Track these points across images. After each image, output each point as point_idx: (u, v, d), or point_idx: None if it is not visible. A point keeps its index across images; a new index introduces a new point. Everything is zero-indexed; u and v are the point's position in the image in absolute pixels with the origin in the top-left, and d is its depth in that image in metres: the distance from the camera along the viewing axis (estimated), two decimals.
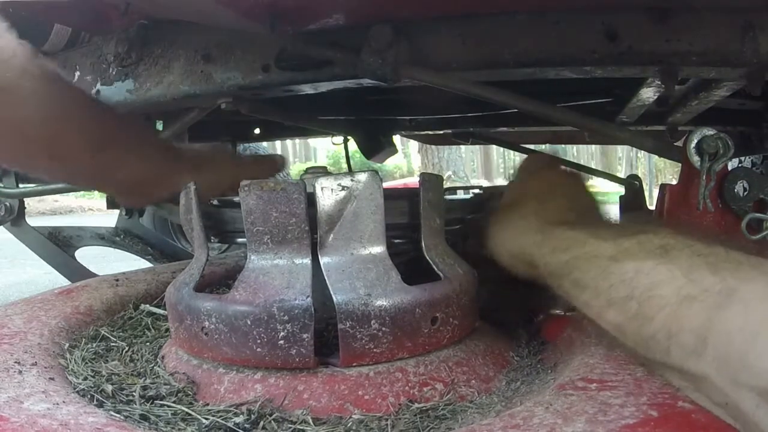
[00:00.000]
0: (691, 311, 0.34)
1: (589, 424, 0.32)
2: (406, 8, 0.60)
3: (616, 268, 0.41)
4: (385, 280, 0.46)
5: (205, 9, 0.56)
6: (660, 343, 0.36)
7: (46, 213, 6.66)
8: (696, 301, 0.34)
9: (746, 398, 0.30)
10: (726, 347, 0.31)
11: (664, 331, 0.35)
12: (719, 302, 0.33)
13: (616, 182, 1.50)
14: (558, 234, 0.48)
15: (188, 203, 0.53)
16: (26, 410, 0.36)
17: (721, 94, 0.70)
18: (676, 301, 0.35)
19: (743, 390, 0.30)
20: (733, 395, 0.31)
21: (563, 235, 0.48)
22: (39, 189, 1.17)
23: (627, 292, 0.39)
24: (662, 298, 0.36)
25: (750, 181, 0.55)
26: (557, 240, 0.48)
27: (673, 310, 0.35)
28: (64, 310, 0.60)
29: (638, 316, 0.37)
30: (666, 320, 0.35)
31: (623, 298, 0.39)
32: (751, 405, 0.29)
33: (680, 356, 0.34)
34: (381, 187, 0.47)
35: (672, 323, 0.35)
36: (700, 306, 0.33)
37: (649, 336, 0.36)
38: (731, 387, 0.31)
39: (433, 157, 8.61)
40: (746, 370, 0.29)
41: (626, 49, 0.57)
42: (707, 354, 0.32)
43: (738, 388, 0.30)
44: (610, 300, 0.40)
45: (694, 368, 0.33)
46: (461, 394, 0.45)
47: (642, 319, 0.37)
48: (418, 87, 0.66)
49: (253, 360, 0.45)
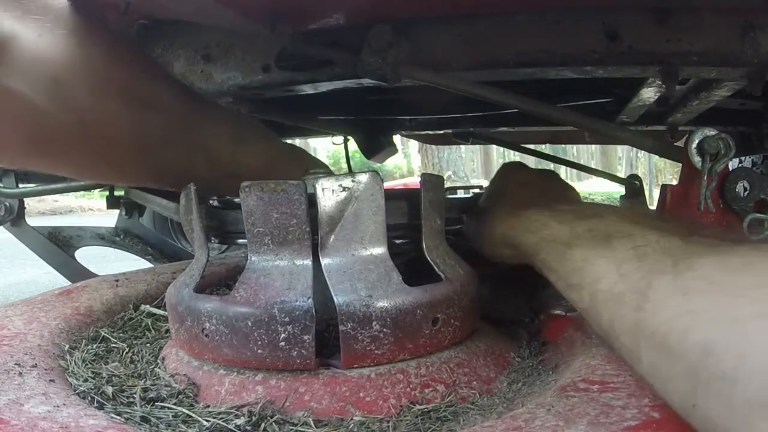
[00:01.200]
0: (623, 312, 0.35)
1: (591, 426, 0.32)
2: (406, 8, 0.60)
3: (569, 255, 0.43)
4: (386, 282, 0.46)
5: (205, 9, 0.56)
6: (614, 342, 0.37)
7: (46, 213, 6.66)
8: (625, 304, 0.35)
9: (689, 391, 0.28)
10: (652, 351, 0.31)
11: (612, 332, 0.37)
12: (639, 304, 0.33)
13: (616, 182, 1.50)
14: (528, 215, 0.52)
15: (188, 203, 0.53)
16: (26, 413, 0.36)
17: (722, 94, 0.70)
18: (613, 298, 0.36)
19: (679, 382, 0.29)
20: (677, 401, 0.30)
21: (532, 216, 0.51)
22: (39, 189, 1.17)
23: (578, 280, 0.41)
24: (603, 293, 0.37)
25: (751, 181, 0.55)
26: (527, 221, 0.51)
27: (613, 309, 0.36)
28: (64, 311, 0.59)
29: (591, 308, 0.39)
30: (611, 319, 0.36)
31: (577, 285, 0.41)
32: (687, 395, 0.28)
33: (631, 362, 0.35)
34: (382, 188, 0.47)
35: (616, 324, 0.36)
36: (628, 309, 0.34)
37: (605, 332, 0.38)
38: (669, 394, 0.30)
39: (433, 157, 8.62)
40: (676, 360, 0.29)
41: (626, 49, 0.57)
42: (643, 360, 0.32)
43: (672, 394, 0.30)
44: (568, 284, 0.43)
45: (640, 373, 0.34)
46: (463, 396, 0.45)
47: (595, 311, 0.39)
48: (418, 87, 0.66)
49: (254, 361, 0.45)
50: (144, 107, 0.52)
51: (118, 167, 0.56)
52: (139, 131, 0.52)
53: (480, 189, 1.10)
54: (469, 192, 1.09)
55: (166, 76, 0.59)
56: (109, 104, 0.49)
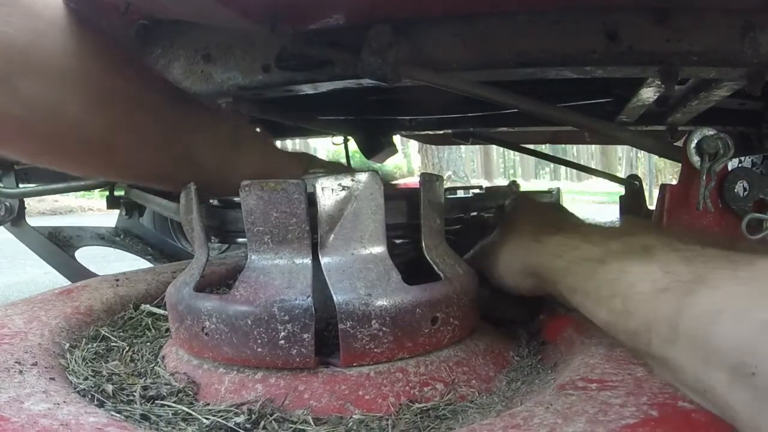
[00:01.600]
0: (664, 301, 0.35)
1: (590, 424, 0.32)
2: (406, 8, 0.60)
3: (603, 269, 0.42)
4: (385, 280, 0.46)
5: (205, 9, 0.56)
6: (642, 336, 0.37)
7: (46, 213, 6.66)
8: (668, 291, 0.35)
9: (718, 379, 0.29)
10: (694, 331, 0.31)
11: (644, 324, 0.36)
12: (689, 289, 0.33)
13: (616, 182, 1.50)
14: (555, 241, 0.50)
15: (188, 203, 0.53)
16: (27, 410, 0.36)
17: (721, 94, 0.70)
18: (653, 294, 0.36)
19: (714, 371, 0.30)
20: (707, 379, 0.31)
21: (559, 241, 0.50)
22: (39, 189, 1.17)
23: (612, 290, 0.40)
24: (642, 293, 0.37)
25: (750, 181, 0.55)
26: (554, 246, 0.50)
27: (650, 303, 0.36)
28: (65, 310, 0.59)
29: (623, 312, 0.39)
30: (645, 313, 0.36)
31: (609, 296, 0.40)
32: (724, 386, 0.29)
33: (659, 346, 0.35)
34: (381, 187, 0.47)
35: (649, 315, 0.36)
36: (672, 295, 0.34)
37: (633, 330, 0.38)
38: (704, 371, 0.31)
39: (433, 157, 8.62)
40: (714, 351, 0.29)
41: (626, 49, 0.57)
42: (680, 341, 0.33)
43: (710, 370, 0.30)
44: (598, 299, 0.42)
45: (671, 356, 0.34)
46: (462, 394, 0.45)
47: (626, 315, 0.38)
48: (418, 87, 0.66)
49: (254, 360, 0.45)
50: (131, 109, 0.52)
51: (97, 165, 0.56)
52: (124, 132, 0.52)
53: (480, 189, 1.10)
54: (469, 192, 1.09)
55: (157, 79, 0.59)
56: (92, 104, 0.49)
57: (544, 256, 0.51)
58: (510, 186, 1.17)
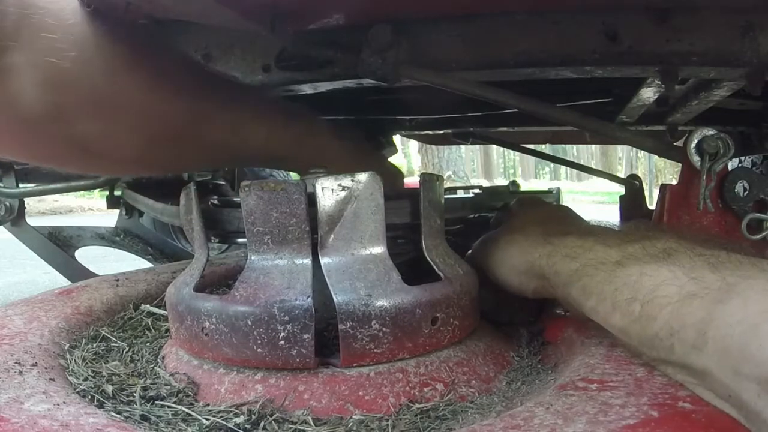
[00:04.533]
0: (692, 307, 0.34)
1: (590, 425, 0.32)
2: (406, 8, 0.60)
3: (621, 272, 0.41)
4: (385, 281, 0.46)
5: (205, 9, 0.56)
6: (663, 341, 0.36)
7: (46, 213, 6.65)
8: (696, 298, 0.34)
9: (748, 389, 0.30)
10: (726, 340, 0.31)
11: (667, 329, 0.36)
12: (719, 297, 0.33)
13: (616, 182, 1.50)
14: (567, 242, 0.49)
15: (188, 203, 0.53)
16: (27, 411, 0.36)
17: (721, 94, 0.70)
18: (678, 299, 0.35)
19: (744, 381, 0.30)
20: (735, 387, 0.31)
21: (572, 243, 0.48)
22: (39, 189, 1.17)
23: (631, 294, 0.39)
24: (665, 298, 0.36)
25: (750, 181, 0.55)
26: (567, 248, 0.48)
27: (675, 308, 0.35)
28: (65, 311, 0.59)
29: (642, 317, 0.38)
30: (668, 318, 0.36)
31: (627, 300, 0.39)
32: (753, 395, 0.29)
33: (683, 352, 0.35)
34: (381, 188, 0.47)
35: (674, 320, 0.35)
36: (701, 302, 0.34)
37: (653, 335, 0.37)
38: (733, 379, 0.31)
39: (433, 157, 8.62)
40: (747, 361, 0.30)
41: (626, 49, 0.57)
42: (708, 348, 0.32)
43: (739, 379, 0.30)
44: (615, 303, 0.41)
45: (696, 363, 0.34)
46: (462, 395, 0.45)
47: (646, 319, 0.37)
48: (418, 87, 0.66)
49: (254, 360, 0.45)
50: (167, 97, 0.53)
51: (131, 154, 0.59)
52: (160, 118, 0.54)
53: (480, 189, 1.10)
54: (469, 192, 1.09)
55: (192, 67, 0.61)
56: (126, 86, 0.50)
57: (556, 257, 0.49)
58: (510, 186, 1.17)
